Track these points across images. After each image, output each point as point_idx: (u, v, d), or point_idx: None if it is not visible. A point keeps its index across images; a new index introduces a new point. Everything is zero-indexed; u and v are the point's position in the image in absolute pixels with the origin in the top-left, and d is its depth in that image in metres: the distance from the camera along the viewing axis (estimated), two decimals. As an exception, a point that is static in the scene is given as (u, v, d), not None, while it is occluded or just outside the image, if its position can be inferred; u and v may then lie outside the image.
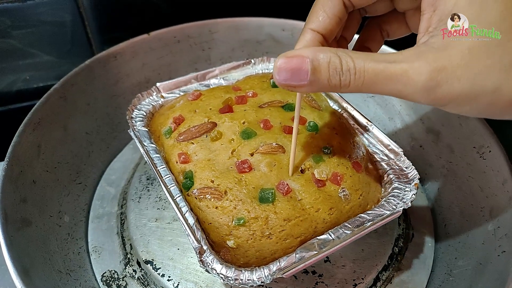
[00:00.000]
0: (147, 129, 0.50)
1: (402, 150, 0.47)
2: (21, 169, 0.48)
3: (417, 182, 0.44)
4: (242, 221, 0.39)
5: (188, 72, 0.61)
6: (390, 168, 0.47)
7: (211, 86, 0.57)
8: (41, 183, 0.51)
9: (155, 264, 0.46)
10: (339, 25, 0.37)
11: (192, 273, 0.45)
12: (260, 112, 0.48)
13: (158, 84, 0.55)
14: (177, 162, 0.45)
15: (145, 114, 0.52)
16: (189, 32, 0.71)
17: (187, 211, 0.40)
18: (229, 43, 0.74)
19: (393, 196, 0.44)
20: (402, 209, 0.42)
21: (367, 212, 0.42)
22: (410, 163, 0.46)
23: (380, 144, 0.49)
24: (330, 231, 0.39)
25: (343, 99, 0.55)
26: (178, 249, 0.47)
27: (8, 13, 0.62)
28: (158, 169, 0.44)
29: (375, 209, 0.42)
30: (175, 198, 0.41)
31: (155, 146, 0.47)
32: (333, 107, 0.54)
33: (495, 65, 0.28)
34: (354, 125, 0.52)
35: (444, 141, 0.58)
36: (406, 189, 0.44)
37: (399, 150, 0.47)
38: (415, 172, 0.45)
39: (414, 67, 0.29)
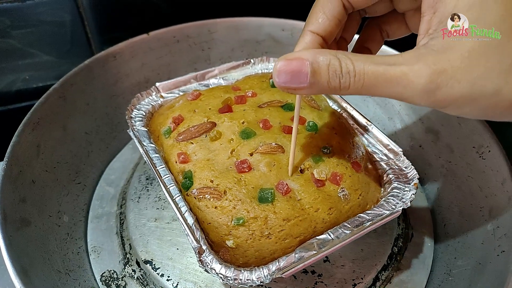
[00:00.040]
0: (146, 129, 0.50)
1: (402, 150, 0.47)
2: (20, 169, 0.48)
3: (417, 182, 0.44)
4: (242, 221, 0.39)
5: (187, 72, 0.61)
6: (390, 168, 0.47)
7: (210, 86, 0.57)
8: (40, 183, 0.51)
9: (154, 264, 0.46)
10: (339, 27, 0.37)
11: (192, 273, 0.45)
12: (259, 112, 0.48)
13: (157, 84, 0.55)
14: (176, 162, 0.45)
15: (144, 114, 0.52)
16: (189, 32, 0.71)
17: (186, 211, 0.40)
18: (229, 43, 0.74)
19: (392, 196, 0.44)
20: (401, 209, 0.42)
21: (367, 212, 0.42)
22: (410, 163, 0.46)
23: (380, 144, 0.49)
24: (330, 231, 0.39)
25: (342, 99, 0.55)
26: (178, 249, 0.47)
27: (8, 13, 0.62)
28: (157, 169, 0.44)
29: (374, 209, 0.42)
30: (174, 198, 0.41)
31: (154, 146, 0.47)
32: (332, 107, 0.54)
33: (495, 67, 0.28)
34: (354, 125, 0.52)
35: (444, 141, 0.58)
36: (406, 189, 0.44)
37: (399, 150, 0.47)
38: (415, 172, 0.45)
39: (414, 70, 0.29)
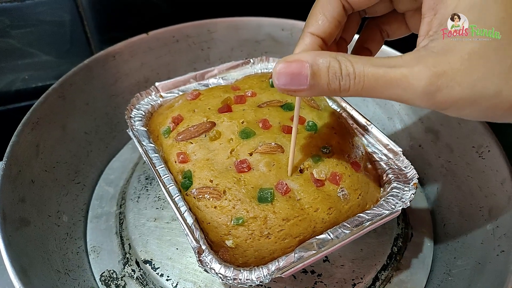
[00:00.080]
0: (146, 129, 0.50)
1: (401, 149, 0.47)
2: (19, 168, 0.48)
3: (416, 181, 0.44)
4: (241, 220, 0.39)
5: (187, 71, 0.61)
6: (389, 167, 0.47)
7: (210, 85, 0.57)
8: (40, 182, 0.51)
9: (154, 264, 0.46)
10: (339, 28, 0.37)
11: (191, 273, 0.45)
12: (259, 111, 0.48)
13: (157, 84, 0.55)
14: (175, 162, 0.45)
15: (144, 113, 0.52)
16: (188, 31, 0.71)
17: (186, 211, 0.40)
18: (228, 42, 0.74)
19: (392, 195, 0.44)
20: (401, 208, 0.42)
21: (366, 212, 0.42)
22: (409, 162, 0.46)
23: (379, 144, 0.49)
24: (329, 230, 0.39)
25: (342, 99, 0.55)
26: (177, 248, 0.47)
27: (7, 12, 0.62)
28: (156, 169, 0.44)
29: (374, 208, 0.42)
30: (173, 197, 0.41)
31: (154, 145, 0.47)
32: (332, 106, 0.54)
33: (495, 68, 0.28)
34: (353, 124, 0.52)
35: (443, 140, 0.58)
36: (405, 188, 0.44)
37: (398, 149, 0.47)
38: (414, 171, 0.45)
39: (414, 72, 0.29)
